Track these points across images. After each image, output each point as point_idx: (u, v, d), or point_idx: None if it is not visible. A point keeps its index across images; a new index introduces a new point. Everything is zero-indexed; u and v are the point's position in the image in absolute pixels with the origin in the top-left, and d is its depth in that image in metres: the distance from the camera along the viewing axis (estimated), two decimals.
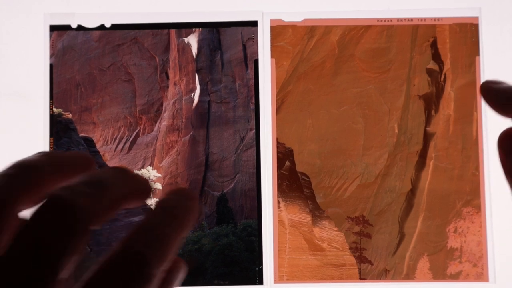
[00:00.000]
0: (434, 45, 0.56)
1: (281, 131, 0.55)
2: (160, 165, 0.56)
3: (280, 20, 0.56)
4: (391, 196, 0.55)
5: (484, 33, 0.54)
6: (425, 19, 0.56)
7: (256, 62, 0.56)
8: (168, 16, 0.56)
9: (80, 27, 0.56)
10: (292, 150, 0.55)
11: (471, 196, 0.54)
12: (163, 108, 0.57)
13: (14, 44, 0.56)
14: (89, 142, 0.56)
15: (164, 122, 0.57)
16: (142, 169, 0.56)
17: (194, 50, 0.57)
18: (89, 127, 0.57)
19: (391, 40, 0.56)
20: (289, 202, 0.55)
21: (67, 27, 0.56)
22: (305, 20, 0.56)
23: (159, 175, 0.56)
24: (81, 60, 0.57)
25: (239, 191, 0.55)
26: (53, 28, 0.56)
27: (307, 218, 0.55)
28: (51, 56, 0.56)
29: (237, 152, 0.55)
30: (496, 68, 0.54)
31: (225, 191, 0.55)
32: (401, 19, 0.56)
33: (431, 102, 0.56)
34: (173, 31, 0.57)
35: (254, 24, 0.56)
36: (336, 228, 0.55)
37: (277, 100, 0.55)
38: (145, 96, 0.57)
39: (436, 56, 0.56)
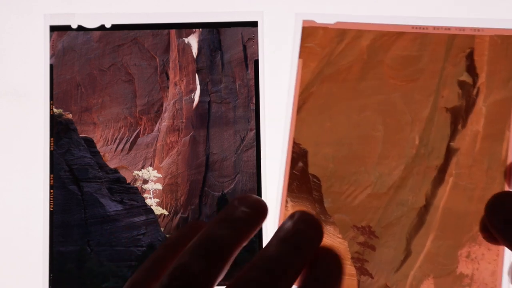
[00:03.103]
0: (470, 56, 0.53)
1: (299, 131, 0.54)
2: (161, 166, 0.56)
3: (313, 21, 0.54)
4: (402, 209, 0.53)
5: None
6: (464, 28, 0.53)
7: (256, 62, 0.56)
8: (168, 17, 0.56)
9: (80, 28, 0.56)
10: (307, 151, 0.54)
11: None
12: (163, 109, 0.57)
13: (14, 45, 0.56)
14: (89, 143, 0.56)
15: (164, 122, 0.57)
16: (142, 170, 0.56)
17: (195, 51, 0.57)
18: (89, 128, 0.57)
19: (423, 49, 0.54)
20: (297, 203, 0.54)
21: (67, 28, 0.56)
22: (338, 23, 0.54)
23: (160, 175, 0.56)
24: (81, 60, 0.57)
25: (240, 192, 0.55)
26: (53, 29, 0.56)
27: None
28: (51, 56, 0.56)
29: (238, 152, 0.55)
30: None
31: (225, 191, 0.55)
32: (438, 28, 0.53)
33: (459, 116, 0.53)
34: (173, 32, 0.57)
35: (254, 24, 0.56)
36: (340, 235, 0.53)
37: (299, 101, 0.54)
38: (145, 96, 0.57)
39: (471, 68, 0.53)
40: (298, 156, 0.54)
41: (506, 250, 0.50)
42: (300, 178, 0.54)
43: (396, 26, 0.54)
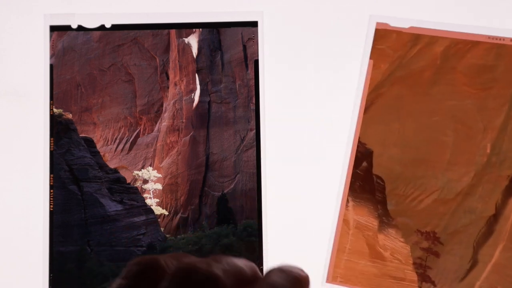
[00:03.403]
0: None
1: (364, 131, 0.53)
2: (161, 166, 0.56)
3: (387, 24, 0.54)
4: (470, 217, 0.51)
5: None
6: None
7: (256, 62, 0.56)
8: (168, 17, 0.56)
9: (80, 28, 0.56)
10: (373, 151, 0.53)
11: None
12: (163, 109, 0.57)
13: (14, 45, 0.56)
14: (89, 143, 0.56)
15: (164, 122, 0.57)
16: (142, 170, 0.56)
17: (195, 51, 0.57)
18: (89, 128, 0.57)
19: (499, 59, 0.53)
20: (358, 203, 0.52)
21: (67, 28, 0.56)
22: (411, 27, 0.54)
23: (160, 175, 0.56)
24: (81, 60, 0.57)
25: (240, 191, 0.55)
26: (53, 29, 0.56)
27: (374, 222, 0.52)
28: (51, 56, 0.56)
29: (238, 152, 0.55)
30: None
31: (225, 191, 0.55)
32: None
33: None
34: (173, 32, 0.57)
35: (254, 24, 0.56)
36: (402, 239, 0.51)
37: (367, 101, 0.53)
38: (145, 96, 0.57)
39: None
40: (362, 156, 0.53)
41: None
42: (363, 178, 0.53)
43: (472, 35, 0.53)
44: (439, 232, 0.51)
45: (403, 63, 0.54)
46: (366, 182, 0.53)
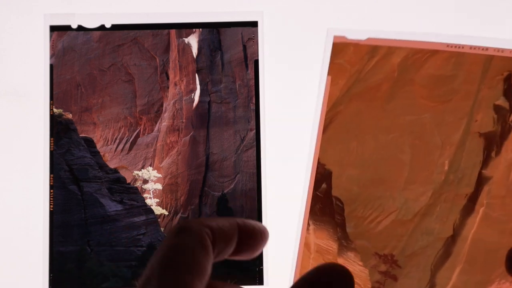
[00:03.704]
0: (508, 79, 0.50)
1: (324, 151, 0.51)
2: (161, 166, 0.56)
3: (344, 37, 0.52)
4: (427, 239, 0.50)
5: None
6: (503, 50, 0.50)
7: (256, 62, 0.56)
8: (168, 16, 0.56)
9: (80, 28, 0.56)
10: (332, 172, 0.51)
11: None
12: (163, 109, 0.57)
13: (14, 44, 0.56)
14: (89, 143, 0.56)
15: (164, 122, 0.57)
16: (142, 170, 0.56)
17: (194, 51, 0.57)
18: (89, 128, 0.57)
19: (458, 69, 0.50)
20: (319, 226, 0.51)
21: (68, 28, 0.56)
22: (369, 39, 0.51)
23: (160, 175, 0.56)
24: (81, 60, 0.57)
25: (240, 192, 0.55)
26: (53, 29, 0.56)
27: (334, 246, 0.51)
28: (51, 56, 0.56)
29: (238, 152, 0.55)
30: None
31: (225, 191, 0.55)
32: (475, 47, 0.50)
33: (493, 142, 0.49)
34: (173, 32, 0.57)
35: (254, 24, 0.56)
36: (361, 263, 0.50)
37: (325, 119, 0.51)
38: (145, 96, 0.57)
39: (509, 92, 0.50)
40: (322, 177, 0.51)
41: None
42: (323, 200, 0.51)
43: (430, 43, 0.51)
44: (397, 254, 0.50)
45: (361, 78, 0.51)
46: (326, 204, 0.51)
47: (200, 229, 0.20)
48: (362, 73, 0.52)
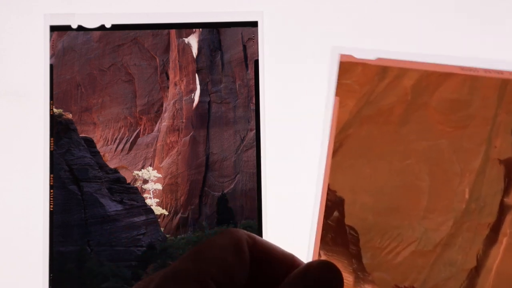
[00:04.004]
0: None
1: (334, 176, 0.48)
2: (161, 166, 0.56)
3: (351, 56, 0.49)
4: (450, 270, 0.47)
5: None
6: None
7: (256, 62, 0.56)
8: (168, 16, 0.56)
9: (80, 28, 0.56)
10: (344, 199, 0.48)
11: None
12: (163, 109, 0.57)
13: (14, 44, 0.56)
14: (89, 143, 0.56)
15: (164, 122, 0.57)
16: (142, 170, 0.56)
17: (195, 51, 0.57)
18: (89, 128, 0.57)
19: (474, 93, 0.48)
20: (331, 256, 0.48)
21: (68, 28, 0.56)
22: (379, 59, 0.49)
23: (160, 175, 0.56)
24: (81, 60, 0.57)
25: (240, 191, 0.55)
26: (53, 29, 0.56)
27: (349, 278, 0.48)
28: (51, 56, 0.56)
29: (238, 152, 0.55)
30: None
31: (225, 191, 0.55)
32: (490, 71, 0.48)
33: None
34: (173, 32, 0.57)
35: (254, 24, 0.56)
36: None
37: (335, 143, 0.49)
38: (145, 96, 0.57)
39: None
40: (333, 205, 0.49)
41: None
42: (335, 229, 0.48)
43: (444, 66, 0.48)
44: (418, 287, 0.48)
45: (371, 100, 0.49)
46: (338, 233, 0.48)
47: (241, 234, 0.22)
48: (373, 95, 0.49)
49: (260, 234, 0.54)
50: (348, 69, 0.50)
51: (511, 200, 0.47)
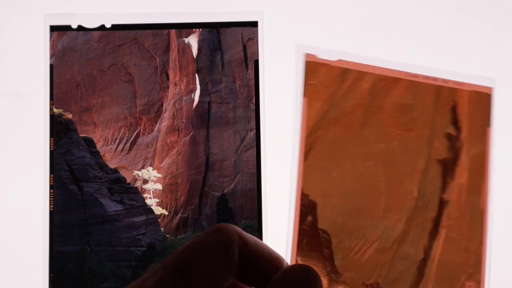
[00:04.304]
0: (454, 109, 0.52)
1: (306, 180, 0.49)
2: (161, 166, 0.56)
3: (314, 56, 0.49)
4: (404, 264, 0.50)
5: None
6: (448, 81, 0.51)
7: (256, 62, 0.56)
8: (168, 17, 0.56)
9: (80, 28, 0.56)
10: (316, 203, 0.49)
11: (473, 269, 0.50)
12: (163, 109, 0.57)
13: (14, 44, 0.56)
14: (90, 143, 0.56)
15: (164, 122, 0.57)
16: (142, 170, 0.56)
17: (194, 51, 0.57)
18: (89, 128, 0.57)
19: (416, 98, 0.51)
20: (307, 261, 0.50)
21: (68, 28, 0.56)
22: (339, 60, 0.50)
23: (160, 175, 0.56)
24: (81, 60, 0.57)
25: (240, 191, 0.55)
26: (53, 29, 0.56)
27: (323, 281, 0.51)
28: (51, 56, 0.56)
29: (238, 152, 0.55)
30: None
31: (225, 191, 0.55)
32: (427, 77, 0.51)
33: (448, 168, 0.51)
34: (173, 32, 0.57)
35: (254, 24, 0.56)
36: None
37: (305, 145, 0.52)
38: (145, 96, 0.57)
39: (455, 122, 0.52)
40: (306, 209, 0.48)
41: None
42: (310, 234, 0.48)
43: (393, 71, 0.51)
44: (381, 282, 0.50)
45: (336, 101, 0.50)
46: (313, 238, 0.49)
47: (232, 235, 0.22)
48: (336, 97, 0.52)
49: (260, 234, 0.54)
50: (313, 69, 0.51)
51: (447, 196, 0.51)
